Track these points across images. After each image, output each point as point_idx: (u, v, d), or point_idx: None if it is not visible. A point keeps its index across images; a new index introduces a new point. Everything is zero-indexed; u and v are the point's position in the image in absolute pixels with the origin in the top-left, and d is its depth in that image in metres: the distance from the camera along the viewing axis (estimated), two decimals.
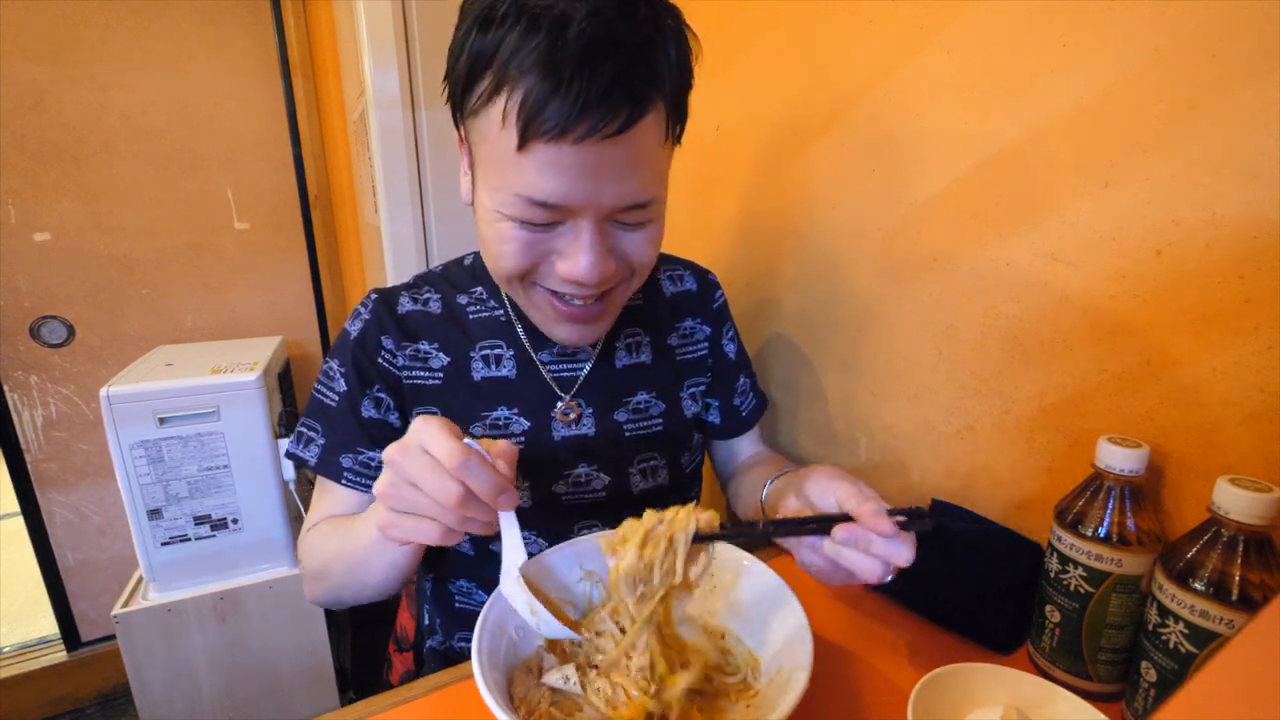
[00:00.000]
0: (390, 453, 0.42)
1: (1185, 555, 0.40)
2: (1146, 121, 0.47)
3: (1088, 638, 0.47)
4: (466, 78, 0.47)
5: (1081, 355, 0.53)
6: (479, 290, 0.66)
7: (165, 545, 1.30)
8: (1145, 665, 0.42)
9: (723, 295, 0.75)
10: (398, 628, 0.82)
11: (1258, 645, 0.22)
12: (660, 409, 0.68)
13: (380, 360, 0.62)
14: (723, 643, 0.50)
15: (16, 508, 1.69)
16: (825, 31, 0.74)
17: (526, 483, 0.63)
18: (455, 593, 0.68)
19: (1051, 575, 0.49)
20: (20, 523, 1.70)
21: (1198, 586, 0.39)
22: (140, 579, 1.36)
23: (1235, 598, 0.38)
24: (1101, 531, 0.45)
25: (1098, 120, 0.50)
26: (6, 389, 1.62)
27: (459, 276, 0.68)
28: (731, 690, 0.46)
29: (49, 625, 1.80)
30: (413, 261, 1.27)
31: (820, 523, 0.45)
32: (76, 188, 1.61)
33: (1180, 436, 0.47)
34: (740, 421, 0.75)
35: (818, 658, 0.41)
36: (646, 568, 0.43)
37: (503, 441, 0.45)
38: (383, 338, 0.62)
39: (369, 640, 1.82)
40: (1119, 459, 0.45)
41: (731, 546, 0.52)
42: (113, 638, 1.42)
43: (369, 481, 0.62)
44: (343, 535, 0.57)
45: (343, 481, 0.61)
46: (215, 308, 1.82)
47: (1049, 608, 0.49)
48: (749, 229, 0.92)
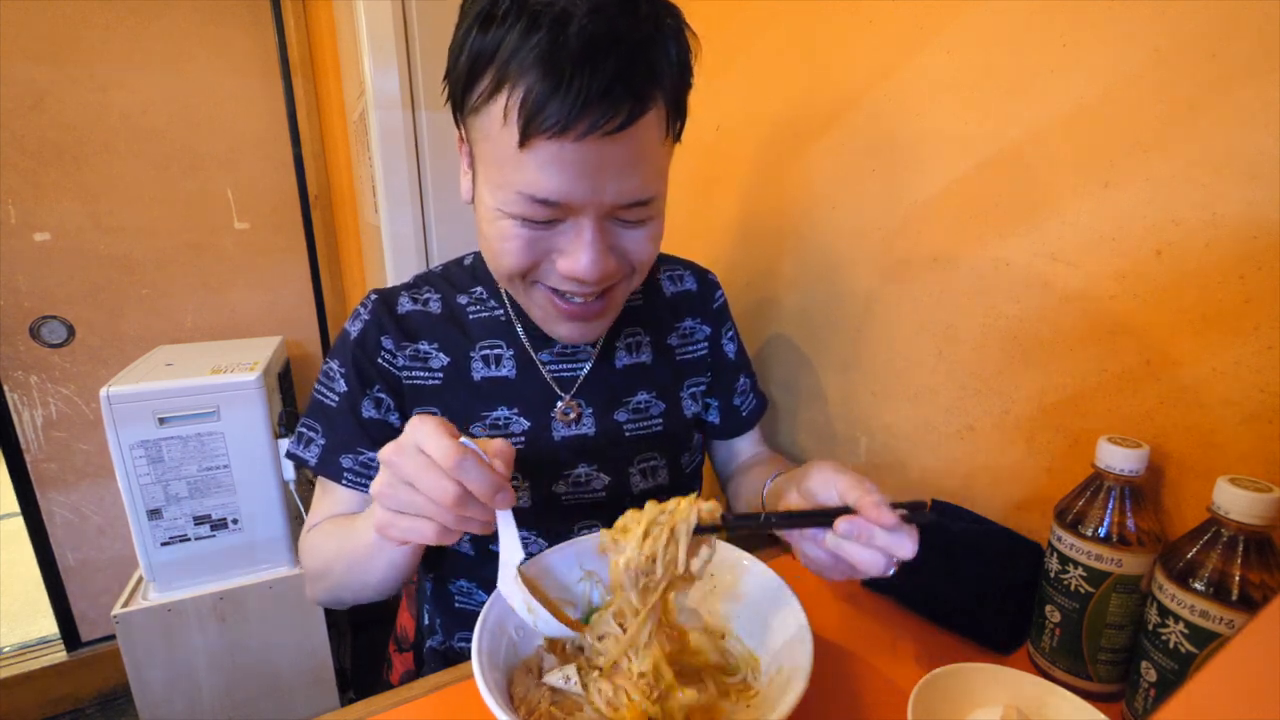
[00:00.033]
0: (386, 453, 0.42)
1: (1185, 555, 0.41)
2: (1146, 121, 0.47)
3: (1088, 638, 0.47)
4: (467, 76, 0.47)
5: (1081, 355, 0.53)
6: (479, 290, 0.66)
7: (165, 545, 1.30)
8: (1145, 665, 0.42)
9: (723, 295, 0.75)
10: (398, 628, 0.82)
11: (1258, 645, 0.22)
12: (660, 409, 0.68)
13: (380, 360, 0.62)
14: (723, 643, 0.50)
15: (16, 508, 1.69)
16: (825, 31, 0.74)
17: (526, 482, 0.63)
18: (455, 593, 0.68)
19: (1051, 575, 0.49)
20: (20, 523, 1.70)
21: (1198, 586, 0.39)
22: (140, 579, 1.36)
23: (1235, 598, 0.38)
24: (1101, 531, 0.45)
25: (1098, 120, 0.50)
26: (6, 389, 1.62)
27: (459, 276, 0.68)
28: (731, 690, 0.46)
29: (49, 625, 1.80)
30: (413, 261, 1.27)
31: (822, 515, 0.44)
32: (76, 188, 1.61)
33: (1180, 436, 0.47)
34: (740, 422, 0.75)
35: (818, 658, 0.41)
36: (648, 559, 0.43)
37: (499, 440, 0.45)
38: (383, 338, 0.62)
39: (369, 640, 1.82)
40: (1119, 459, 0.45)
41: (732, 546, 0.52)
42: (113, 638, 1.43)
43: (369, 482, 0.61)
44: (343, 535, 0.57)
45: (343, 482, 0.61)
46: (215, 308, 1.82)
47: (1049, 608, 0.49)
48: (749, 229, 0.92)
